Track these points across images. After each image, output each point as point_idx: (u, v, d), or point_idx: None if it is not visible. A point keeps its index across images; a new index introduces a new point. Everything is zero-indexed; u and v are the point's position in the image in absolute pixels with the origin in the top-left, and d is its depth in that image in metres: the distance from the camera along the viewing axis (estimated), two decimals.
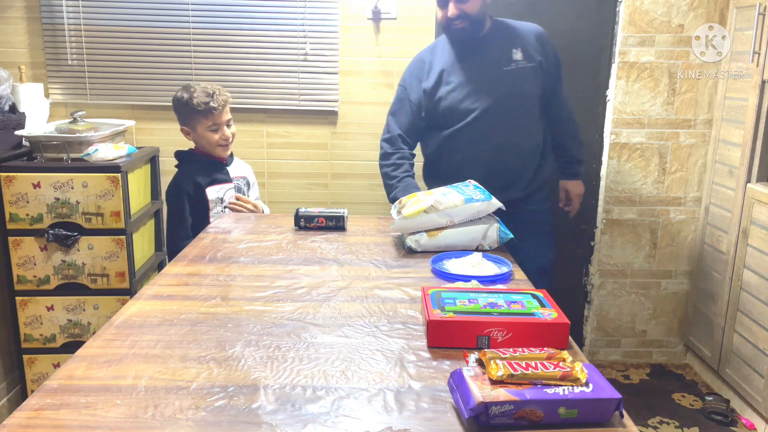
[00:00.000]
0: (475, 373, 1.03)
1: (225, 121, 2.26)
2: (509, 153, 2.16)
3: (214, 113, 2.21)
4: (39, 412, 1.01)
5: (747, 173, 2.48)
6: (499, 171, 2.16)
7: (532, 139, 2.19)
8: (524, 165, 2.20)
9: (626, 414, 1.02)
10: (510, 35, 2.17)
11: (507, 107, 2.12)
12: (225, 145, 2.29)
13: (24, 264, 2.35)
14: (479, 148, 2.16)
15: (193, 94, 2.21)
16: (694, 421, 2.51)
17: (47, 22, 2.65)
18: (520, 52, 2.14)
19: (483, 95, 2.13)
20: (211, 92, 2.21)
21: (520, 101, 2.14)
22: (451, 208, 1.86)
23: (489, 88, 2.12)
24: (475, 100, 2.14)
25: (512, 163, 2.18)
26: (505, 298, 1.36)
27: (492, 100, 2.12)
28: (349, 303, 1.48)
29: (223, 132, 2.26)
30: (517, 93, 2.12)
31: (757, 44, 2.38)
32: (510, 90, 2.12)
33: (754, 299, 2.40)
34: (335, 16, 2.69)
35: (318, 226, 2.08)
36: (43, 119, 2.63)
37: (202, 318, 1.37)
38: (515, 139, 2.15)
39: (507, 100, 2.12)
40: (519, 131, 2.15)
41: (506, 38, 2.16)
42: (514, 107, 2.13)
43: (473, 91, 2.14)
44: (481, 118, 2.13)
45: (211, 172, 2.30)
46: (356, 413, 1.02)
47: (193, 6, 2.66)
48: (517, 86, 2.12)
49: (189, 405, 1.04)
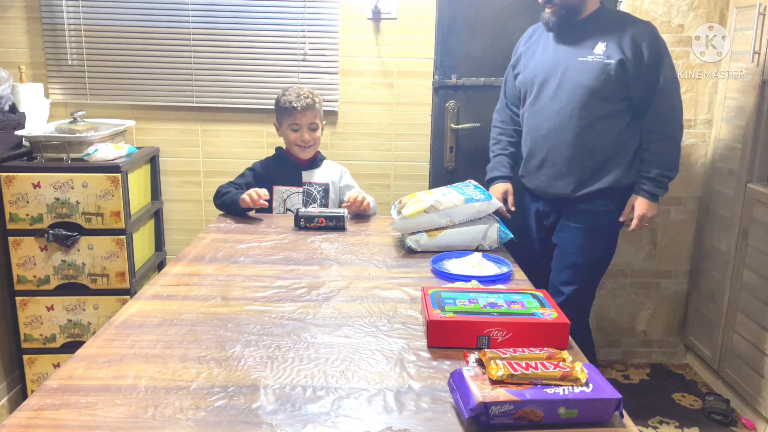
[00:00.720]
0: (475, 373, 1.03)
1: (307, 123, 2.30)
2: (563, 146, 2.08)
3: (296, 113, 2.28)
4: (39, 412, 1.01)
5: (747, 173, 2.48)
6: (551, 161, 2.12)
7: (594, 138, 2.05)
8: (578, 161, 2.08)
9: (626, 414, 1.02)
10: (604, 27, 2.04)
11: (570, 99, 2.04)
12: (302, 146, 2.33)
13: (24, 264, 2.35)
14: (536, 134, 2.15)
15: (286, 92, 2.33)
16: (694, 421, 2.51)
17: (47, 22, 2.65)
18: (605, 46, 2.01)
19: (549, 82, 2.09)
20: (299, 94, 2.29)
21: (586, 96, 2.02)
22: (451, 208, 1.86)
23: (558, 76, 2.06)
24: (540, 85, 2.11)
25: (564, 156, 2.09)
26: (505, 298, 1.36)
27: (556, 88, 2.07)
28: (349, 303, 1.48)
29: (302, 133, 2.30)
30: (584, 86, 2.01)
31: (757, 44, 2.38)
32: (578, 82, 2.02)
33: (754, 299, 2.40)
34: (335, 16, 2.69)
35: (318, 226, 2.08)
36: (43, 119, 2.63)
37: (202, 318, 1.37)
38: (570, 133, 2.06)
39: (572, 92, 2.04)
40: (578, 126, 2.05)
41: (597, 29, 2.04)
42: (577, 100, 2.03)
43: (540, 75, 2.11)
44: (541, 103, 2.11)
45: (286, 172, 2.36)
46: (356, 413, 1.03)
47: (193, 6, 2.66)
48: (586, 79, 2.01)
49: (189, 405, 1.04)
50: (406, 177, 2.81)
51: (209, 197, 2.84)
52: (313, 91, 2.36)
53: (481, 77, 2.74)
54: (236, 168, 2.81)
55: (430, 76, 2.74)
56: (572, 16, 2.05)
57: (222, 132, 2.79)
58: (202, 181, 2.84)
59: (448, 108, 2.77)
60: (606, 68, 1.99)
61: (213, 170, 2.82)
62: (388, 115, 2.78)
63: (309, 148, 2.35)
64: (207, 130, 2.79)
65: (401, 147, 2.82)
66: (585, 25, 2.06)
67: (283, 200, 2.35)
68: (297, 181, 2.36)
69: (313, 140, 2.34)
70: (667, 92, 2.02)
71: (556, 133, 2.08)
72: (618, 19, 2.09)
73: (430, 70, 2.74)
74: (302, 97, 2.29)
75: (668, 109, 2.04)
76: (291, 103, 2.28)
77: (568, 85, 2.04)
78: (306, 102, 2.28)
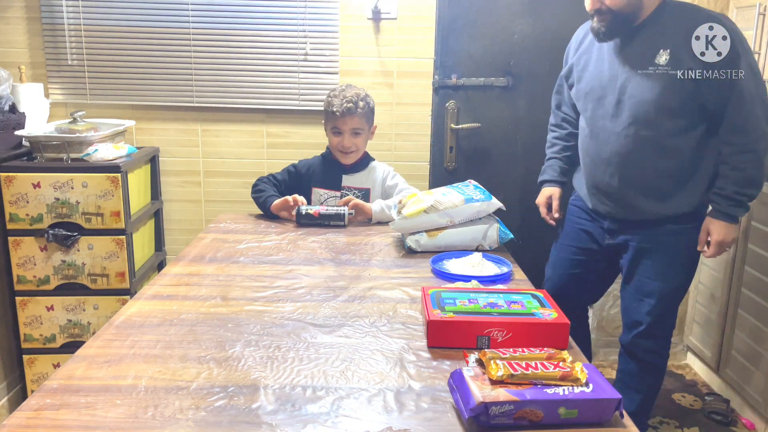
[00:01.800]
0: (475, 373, 1.03)
1: (349, 128, 2.21)
2: (631, 171, 1.84)
3: (337, 117, 2.19)
4: (39, 412, 1.01)
5: None
6: (617, 188, 1.87)
7: (666, 159, 1.79)
8: (651, 187, 1.84)
9: (626, 414, 1.02)
10: (666, 29, 1.73)
11: (634, 118, 1.77)
12: (343, 152, 2.25)
13: (24, 264, 2.35)
14: (597, 157, 1.90)
15: (332, 92, 2.25)
16: (694, 421, 2.50)
17: (47, 22, 2.65)
18: (669, 53, 1.71)
19: (607, 99, 1.82)
20: (344, 96, 2.19)
21: (651, 113, 1.75)
22: (451, 208, 1.86)
23: (616, 92, 1.80)
24: (596, 103, 1.87)
25: (633, 183, 1.85)
26: (505, 298, 1.36)
27: (615, 106, 1.80)
28: (349, 303, 1.48)
29: (343, 139, 2.22)
30: (647, 102, 1.74)
31: (757, 44, 2.38)
32: (640, 98, 1.75)
33: (754, 299, 2.40)
34: (335, 16, 2.69)
35: (319, 223, 2.10)
36: (43, 119, 2.63)
37: (202, 318, 1.38)
38: (637, 155, 1.81)
39: (634, 110, 1.77)
40: (645, 148, 1.79)
41: (658, 33, 1.74)
42: (641, 119, 1.77)
43: (596, 92, 1.86)
44: (600, 123, 1.87)
45: (327, 175, 2.31)
46: (356, 413, 1.03)
47: (193, 6, 2.66)
48: (649, 95, 1.73)
49: (189, 405, 1.04)
50: (406, 177, 2.80)
51: (209, 197, 2.85)
52: (362, 93, 2.23)
53: (481, 77, 2.74)
54: (236, 168, 2.82)
55: (430, 76, 2.74)
56: (628, 24, 1.76)
57: (222, 132, 2.79)
58: (202, 181, 2.84)
59: (448, 108, 2.76)
60: (671, 80, 1.70)
61: (213, 170, 2.82)
62: (388, 115, 2.78)
63: (350, 154, 2.26)
64: (207, 130, 2.79)
65: (401, 147, 2.82)
66: (643, 29, 1.76)
67: (320, 203, 2.28)
68: (336, 184, 2.29)
69: (355, 146, 2.24)
70: (745, 98, 1.68)
71: (621, 156, 1.83)
72: (683, 15, 1.74)
73: (430, 70, 2.74)
74: (345, 101, 2.18)
75: (747, 117, 1.70)
76: (332, 106, 2.19)
77: (629, 102, 1.77)
78: (347, 107, 2.17)
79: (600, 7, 1.74)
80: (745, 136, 1.71)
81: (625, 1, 1.72)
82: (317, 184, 2.31)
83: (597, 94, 1.86)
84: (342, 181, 2.29)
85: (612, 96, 1.81)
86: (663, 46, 1.72)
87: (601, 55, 1.86)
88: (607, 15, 1.74)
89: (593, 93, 1.88)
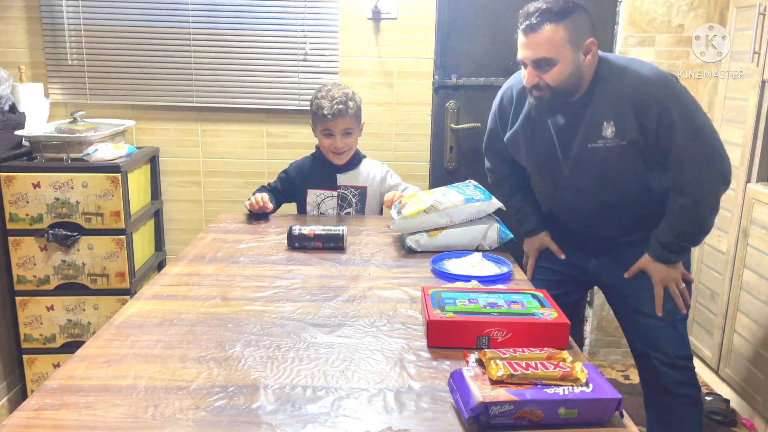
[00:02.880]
0: (475, 373, 1.03)
1: (341, 129, 2.17)
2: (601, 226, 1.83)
3: (328, 119, 2.14)
4: (39, 412, 1.01)
5: (747, 173, 2.48)
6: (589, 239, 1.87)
7: (632, 206, 1.77)
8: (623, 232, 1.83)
9: (626, 414, 1.02)
10: (605, 100, 1.66)
11: (592, 185, 1.75)
12: (335, 153, 2.22)
13: (24, 264, 2.35)
14: (561, 215, 1.90)
15: (318, 94, 2.19)
16: None
17: (47, 22, 2.65)
18: (613, 125, 1.65)
19: (560, 169, 1.78)
20: (333, 98, 2.14)
21: (609, 177, 1.72)
22: (451, 208, 1.86)
23: (569, 163, 1.75)
24: (544, 171, 1.83)
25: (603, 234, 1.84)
26: (505, 298, 1.36)
27: (570, 176, 1.77)
28: (349, 303, 1.48)
29: (335, 140, 2.18)
30: (603, 172, 1.72)
31: (757, 44, 2.38)
32: (596, 170, 1.72)
33: (754, 299, 2.40)
34: (335, 16, 2.69)
35: (314, 246, 1.87)
36: (43, 119, 2.63)
37: (202, 318, 1.37)
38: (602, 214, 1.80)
39: (591, 179, 1.75)
40: (610, 206, 1.77)
41: (598, 105, 1.67)
42: (600, 186, 1.75)
43: (543, 162, 1.82)
44: (554, 192, 1.85)
45: (321, 175, 2.27)
46: (356, 413, 1.03)
47: (193, 6, 2.66)
48: (603, 167, 1.71)
49: (189, 405, 1.04)
50: (406, 177, 2.81)
51: (209, 197, 2.85)
52: (349, 92, 2.18)
53: (481, 77, 2.74)
54: (236, 168, 2.82)
55: (430, 76, 2.74)
56: (567, 99, 1.68)
57: (222, 132, 2.79)
58: (202, 181, 2.84)
59: (448, 108, 2.77)
60: (623, 150, 1.66)
61: (213, 170, 2.82)
62: (388, 115, 2.78)
63: (343, 154, 2.23)
64: (207, 130, 2.79)
65: (401, 147, 2.82)
66: (584, 103, 1.69)
67: (317, 204, 2.27)
68: (332, 184, 2.26)
69: (347, 146, 2.21)
70: (682, 162, 1.63)
71: (586, 216, 1.83)
72: (619, 83, 1.66)
73: (430, 70, 2.74)
74: (335, 103, 2.13)
75: (685, 178, 1.64)
76: (322, 109, 2.14)
77: (584, 172, 1.74)
78: (338, 108, 2.12)
79: (538, 82, 1.65)
80: (682, 195, 1.65)
81: (564, 79, 1.63)
82: (312, 185, 2.28)
83: (546, 165, 1.81)
84: (337, 180, 2.27)
85: (564, 167, 1.76)
86: (606, 118, 1.66)
87: (543, 127, 1.77)
88: (546, 91, 1.66)
89: (540, 163, 1.83)
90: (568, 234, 1.92)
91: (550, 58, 1.61)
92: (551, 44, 1.60)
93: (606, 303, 2.97)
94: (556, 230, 1.96)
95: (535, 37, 1.61)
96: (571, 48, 1.61)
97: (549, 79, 1.63)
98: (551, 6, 1.60)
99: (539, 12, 1.60)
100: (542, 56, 1.61)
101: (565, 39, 1.60)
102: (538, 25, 1.60)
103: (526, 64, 1.66)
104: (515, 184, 2.01)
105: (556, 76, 1.62)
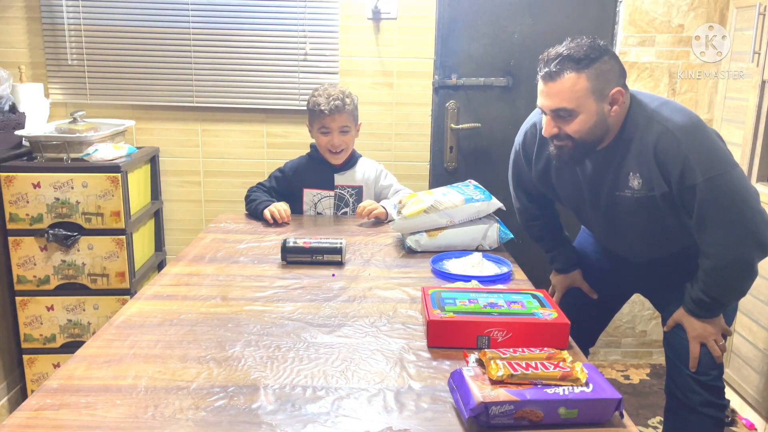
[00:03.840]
0: (475, 373, 1.03)
1: (338, 127, 2.17)
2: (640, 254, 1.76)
3: (325, 115, 2.15)
4: (39, 412, 1.01)
5: (747, 173, 2.48)
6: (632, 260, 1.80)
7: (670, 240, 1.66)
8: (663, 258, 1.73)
9: (626, 414, 1.02)
10: (633, 151, 1.53)
11: (628, 228, 1.67)
12: (333, 151, 2.21)
13: (24, 264, 2.35)
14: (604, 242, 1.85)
15: (315, 92, 2.20)
16: None
17: (47, 22, 2.65)
18: (639, 177, 1.53)
19: (595, 213, 1.70)
20: (330, 95, 2.15)
21: (643, 221, 1.61)
22: (451, 208, 1.86)
23: (600, 209, 1.67)
24: (579, 212, 1.77)
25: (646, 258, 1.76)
26: (505, 298, 1.36)
27: (605, 223, 1.70)
28: (349, 303, 1.48)
29: (332, 138, 2.18)
30: (635, 219, 1.62)
31: (757, 44, 2.38)
32: (627, 218, 1.63)
33: (754, 299, 2.40)
34: (335, 16, 2.69)
35: (310, 259, 1.75)
36: (43, 119, 2.63)
37: (202, 318, 1.38)
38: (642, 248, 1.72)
39: (625, 224, 1.66)
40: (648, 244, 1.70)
41: (626, 156, 1.55)
42: (635, 230, 1.66)
43: (576, 205, 1.75)
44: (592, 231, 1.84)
45: (317, 174, 2.27)
46: (356, 413, 1.03)
47: (193, 6, 2.66)
48: (633, 216, 1.61)
49: (189, 405, 1.04)
50: (406, 177, 2.81)
51: (209, 197, 2.85)
52: (346, 90, 2.21)
53: (481, 77, 2.74)
54: (236, 168, 2.82)
55: (430, 76, 2.74)
56: (591, 150, 1.56)
57: (222, 132, 2.79)
58: (202, 181, 2.84)
59: (448, 108, 2.77)
60: (653, 201, 1.54)
61: (213, 170, 2.82)
62: (388, 115, 2.78)
63: (340, 153, 2.23)
64: (207, 130, 2.79)
65: (401, 147, 2.82)
66: (609, 153, 1.57)
67: (314, 204, 2.27)
68: (329, 184, 2.27)
69: (344, 144, 2.21)
70: (705, 223, 1.48)
71: (626, 249, 1.77)
72: (642, 132, 1.52)
73: (430, 70, 2.74)
74: (332, 99, 2.14)
75: (707, 242, 1.51)
76: (319, 105, 2.14)
77: (617, 219, 1.65)
78: (335, 104, 2.13)
79: (558, 133, 1.53)
80: (707, 258, 1.53)
81: (587, 130, 1.50)
82: (308, 185, 2.28)
83: (580, 209, 1.74)
84: (335, 180, 2.28)
85: (597, 212, 1.68)
86: (632, 170, 1.54)
87: (572, 173, 1.67)
88: (567, 141, 1.53)
89: (572, 205, 1.76)
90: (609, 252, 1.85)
91: (570, 109, 1.48)
92: (572, 94, 1.47)
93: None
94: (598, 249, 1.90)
95: (555, 86, 1.48)
96: (594, 98, 1.48)
97: (570, 131, 1.51)
98: (573, 52, 1.46)
99: (560, 59, 1.47)
100: (561, 107, 1.49)
101: (587, 89, 1.47)
102: (557, 74, 1.47)
103: (545, 112, 1.55)
104: (544, 223, 1.92)
105: (577, 127, 1.50)
